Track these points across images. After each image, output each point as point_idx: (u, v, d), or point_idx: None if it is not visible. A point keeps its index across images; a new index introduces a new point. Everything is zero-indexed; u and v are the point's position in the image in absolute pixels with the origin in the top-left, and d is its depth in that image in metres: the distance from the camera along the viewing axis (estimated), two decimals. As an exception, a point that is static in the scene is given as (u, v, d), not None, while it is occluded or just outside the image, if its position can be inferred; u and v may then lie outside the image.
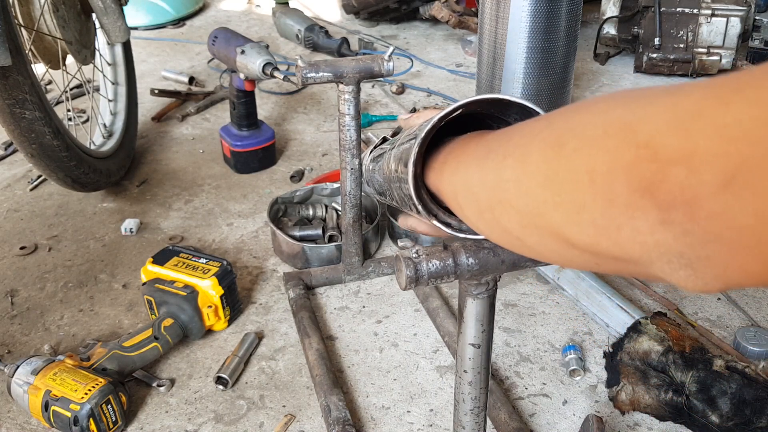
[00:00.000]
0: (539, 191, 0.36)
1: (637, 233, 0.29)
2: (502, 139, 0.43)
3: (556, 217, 0.35)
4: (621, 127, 0.30)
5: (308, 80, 1.02)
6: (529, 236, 0.39)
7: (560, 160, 0.34)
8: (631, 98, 0.32)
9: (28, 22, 1.31)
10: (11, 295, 1.21)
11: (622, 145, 0.30)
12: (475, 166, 0.44)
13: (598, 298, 1.12)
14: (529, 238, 0.39)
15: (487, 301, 0.60)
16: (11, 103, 1.12)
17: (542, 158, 0.36)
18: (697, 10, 2.02)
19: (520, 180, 0.37)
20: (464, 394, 0.66)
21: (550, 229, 0.36)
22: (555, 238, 0.36)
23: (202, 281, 1.08)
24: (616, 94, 0.33)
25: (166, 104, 1.97)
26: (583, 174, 0.32)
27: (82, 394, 0.88)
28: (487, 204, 0.42)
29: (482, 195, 0.43)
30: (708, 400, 0.87)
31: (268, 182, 1.58)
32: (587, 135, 0.32)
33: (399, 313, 1.17)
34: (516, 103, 0.52)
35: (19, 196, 1.53)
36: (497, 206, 0.41)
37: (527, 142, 0.38)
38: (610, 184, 0.30)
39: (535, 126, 0.39)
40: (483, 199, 0.43)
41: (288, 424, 0.95)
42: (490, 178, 0.41)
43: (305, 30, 2.42)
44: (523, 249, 0.41)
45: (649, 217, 0.29)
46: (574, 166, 0.33)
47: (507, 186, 0.39)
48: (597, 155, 0.31)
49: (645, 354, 0.93)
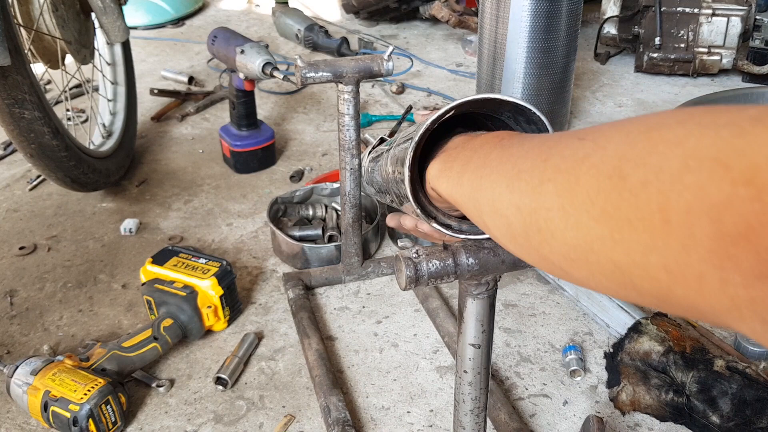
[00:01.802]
0: (593, 225, 0.32)
1: (725, 285, 0.25)
2: (534, 157, 0.39)
3: (615, 256, 0.31)
4: (708, 162, 0.26)
5: (308, 80, 1.02)
6: (577, 270, 0.35)
7: (622, 194, 0.30)
8: (708, 125, 0.27)
9: (27, 21, 1.31)
10: (10, 296, 1.21)
11: (710, 183, 0.25)
12: (503, 186, 0.41)
13: (598, 298, 1.12)
14: (577, 272, 0.35)
15: (487, 301, 0.60)
16: (10, 103, 1.12)
17: (596, 189, 0.32)
18: (697, 10, 2.02)
19: (567, 211, 0.34)
20: (464, 394, 0.66)
21: (606, 268, 0.32)
22: (611, 277, 0.32)
23: (202, 281, 1.07)
24: (680, 116, 0.30)
25: (165, 104, 1.97)
26: (653, 212, 0.28)
27: (81, 395, 0.88)
28: (522, 230, 0.39)
29: (516, 219, 0.39)
30: (709, 400, 0.87)
31: (268, 182, 1.58)
32: (659, 167, 0.28)
33: (399, 313, 1.16)
34: (509, 102, 0.52)
35: (19, 196, 1.53)
36: (535, 234, 0.37)
37: (571, 167, 0.34)
38: (691, 226, 0.26)
39: (578, 148, 0.35)
40: (517, 224, 0.39)
41: (288, 424, 0.95)
42: (525, 203, 0.38)
43: (305, 30, 2.42)
44: (567, 278, 0.37)
45: (743, 268, 0.24)
46: (642, 202, 0.29)
47: (549, 215, 0.35)
48: (673, 192, 0.27)
49: (645, 354, 0.93)
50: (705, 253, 0.26)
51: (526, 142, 0.43)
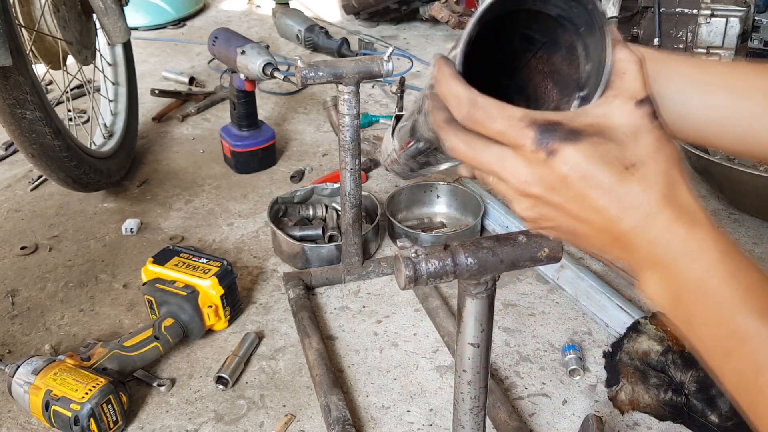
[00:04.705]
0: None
1: None
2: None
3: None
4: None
5: (308, 81, 1.02)
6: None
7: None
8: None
9: (28, 22, 1.32)
10: (12, 295, 1.21)
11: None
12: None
13: (597, 298, 1.13)
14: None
15: (486, 300, 0.60)
16: (12, 104, 1.13)
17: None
18: (696, 11, 2.02)
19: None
20: (464, 393, 0.66)
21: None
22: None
23: (203, 281, 1.08)
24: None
25: (166, 104, 1.97)
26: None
27: (82, 394, 0.89)
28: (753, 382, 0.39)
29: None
30: (707, 399, 0.87)
31: (269, 182, 1.59)
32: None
33: (399, 313, 1.17)
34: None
35: (20, 197, 1.54)
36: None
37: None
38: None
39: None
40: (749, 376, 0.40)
41: (288, 423, 0.96)
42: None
43: (305, 30, 2.42)
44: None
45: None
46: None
47: None
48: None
49: (644, 354, 0.93)
50: None
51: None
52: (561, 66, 0.51)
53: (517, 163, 0.44)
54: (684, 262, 0.42)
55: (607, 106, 0.44)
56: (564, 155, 0.42)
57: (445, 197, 1.45)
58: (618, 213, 0.43)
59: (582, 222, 0.44)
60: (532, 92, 0.54)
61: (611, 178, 0.42)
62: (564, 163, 0.42)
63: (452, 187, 1.44)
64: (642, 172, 0.42)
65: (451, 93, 0.45)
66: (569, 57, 0.50)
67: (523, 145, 0.43)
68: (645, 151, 0.43)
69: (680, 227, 0.42)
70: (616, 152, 0.43)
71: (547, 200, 0.44)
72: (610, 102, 0.44)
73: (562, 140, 0.42)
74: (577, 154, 0.42)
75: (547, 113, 0.44)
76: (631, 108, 0.44)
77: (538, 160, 0.43)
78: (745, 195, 1.35)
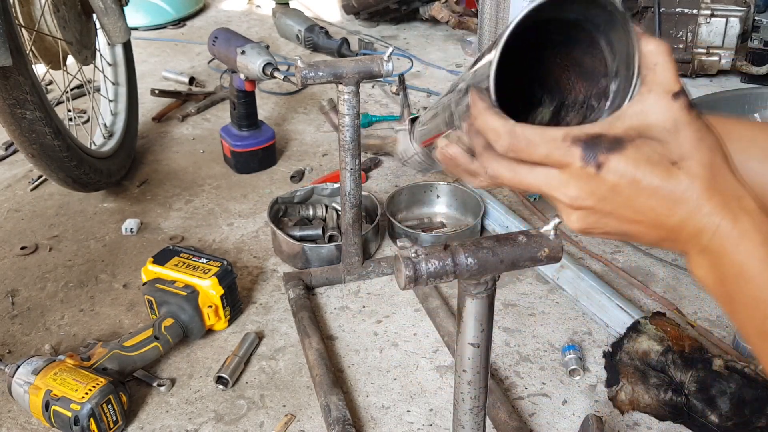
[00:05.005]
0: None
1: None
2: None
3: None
4: None
5: (308, 81, 1.02)
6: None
7: None
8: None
9: (28, 22, 1.32)
10: (12, 295, 1.21)
11: None
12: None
13: (597, 298, 1.13)
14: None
15: (486, 300, 0.60)
16: (12, 104, 1.13)
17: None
18: (696, 11, 2.03)
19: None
20: (464, 393, 0.66)
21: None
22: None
23: (203, 281, 1.08)
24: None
25: (166, 104, 1.97)
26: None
27: (82, 394, 0.89)
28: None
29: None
30: (707, 399, 0.87)
31: (269, 182, 1.59)
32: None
33: (399, 313, 1.17)
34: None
35: (20, 197, 1.54)
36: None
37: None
38: None
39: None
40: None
41: (288, 423, 0.96)
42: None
43: (305, 30, 2.42)
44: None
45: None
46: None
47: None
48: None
49: (644, 354, 0.93)
50: None
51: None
52: (582, 59, 0.51)
53: (566, 181, 0.45)
54: (728, 249, 0.44)
55: (642, 104, 0.45)
56: (611, 166, 0.43)
57: (445, 197, 1.45)
58: (667, 209, 0.44)
59: (634, 223, 0.46)
60: (553, 84, 0.54)
61: (659, 177, 0.43)
62: (613, 173, 0.43)
63: (452, 187, 1.44)
64: (687, 166, 0.43)
65: (489, 128, 0.46)
66: (590, 51, 0.50)
67: (571, 163, 0.44)
68: (687, 145, 0.44)
69: (726, 215, 0.43)
70: (660, 150, 0.44)
71: (598, 210, 0.45)
72: (645, 99, 0.45)
73: (608, 151, 0.43)
74: (624, 161, 0.43)
75: (586, 127, 0.45)
76: (667, 102, 0.44)
77: (588, 176, 0.44)
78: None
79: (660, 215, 0.44)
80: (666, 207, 0.44)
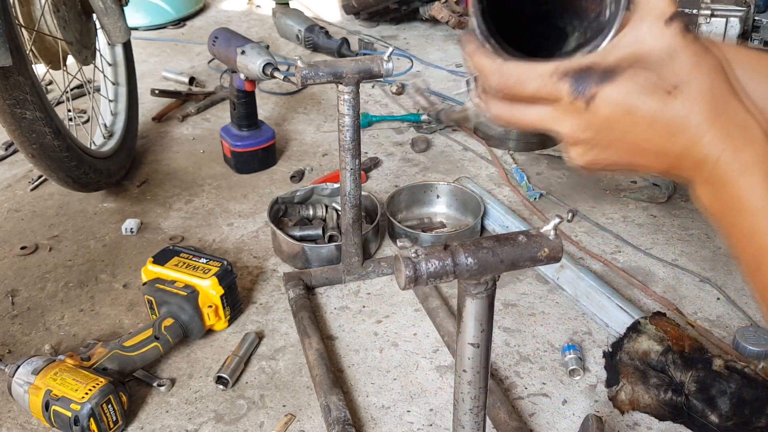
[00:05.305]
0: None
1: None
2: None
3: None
4: None
5: (308, 81, 1.02)
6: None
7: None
8: None
9: (28, 22, 1.32)
10: (12, 295, 1.21)
11: None
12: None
13: (597, 298, 1.13)
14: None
15: (486, 300, 0.60)
16: (12, 104, 1.13)
17: None
18: (696, 11, 2.02)
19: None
20: (464, 393, 0.66)
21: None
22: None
23: (203, 281, 1.08)
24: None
25: (166, 104, 1.97)
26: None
27: (82, 394, 0.89)
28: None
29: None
30: (707, 399, 0.87)
31: (269, 182, 1.59)
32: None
33: (399, 313, 1.17)
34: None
35: (20, 196, 1.54)
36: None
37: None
38: None
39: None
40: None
41: (288, 423, 0.96)
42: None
43: (305, 30, 2.42)
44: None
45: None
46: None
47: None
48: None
49: (644, 354, 0.93)
50: None
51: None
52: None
53: (560, 117, 0.44)
54: (728, 181, 0.43)
55: (636, 33, 0.43)
56: (603, 97, 0.42)
57: (445, 197, 1.45)
58: (667, 139, 0.43)
59: (636, 154, 0.45)
60: (573, 11, 0.52)
61: (655, 105, 0.42)
62: (605, 105, 0.42)
63: (452, 187, 1.44)
64: (684, 93, 0.42)
65: (479, 68, 0.46)
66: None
67: (561, 98, 0.43)
68: (684, 71, 0.42)
69: (728, 146, 0.42)
70: (655, 78, 0.42)
71: (598, 142, 0.44)
72: (638, 27, 0.43)
73: (598, 83, 0.42)
74: (616, 92, 0.42)
75: (576, 60, 0.44)
76: (661, 29, 0.43)
77: (579, 109, 0.43)
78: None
79: (661, 145, 0.43)
80: (665, 137, 0.43)
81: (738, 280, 1.23)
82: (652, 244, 1.34)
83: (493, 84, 0.45)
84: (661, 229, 1.39)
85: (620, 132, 0.43)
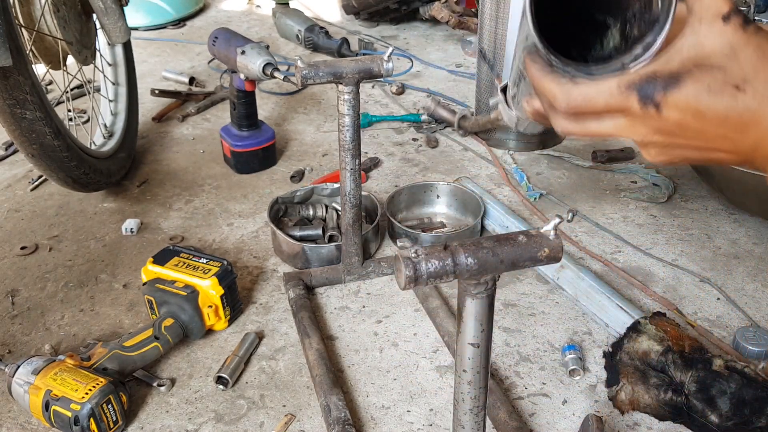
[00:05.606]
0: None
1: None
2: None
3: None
4: None
5: (308, 81, 1.02)
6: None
7: None
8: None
9: (28, 22, 1.32)
10: (12, 295, 1.21)
11: None
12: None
13: (597, 298, 1.13)
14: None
15: (486, 300, 0.60)
16: (12, 104, 1.13)
17: None
18: (696, 11, 2.03)
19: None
20: (464, 393, 0.66)
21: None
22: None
23: (203, 281, 1.08)
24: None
25: (166, 104, 1.97)
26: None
27: (82, 394, 0.89)
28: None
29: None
30: (707, 399, 0.87)
31: (269, 182, 1.59)
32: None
33: (399, 313, 1.17)
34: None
35: (20, 196, 1.54)
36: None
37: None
38: None
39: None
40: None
41: (288, 423, 0.96)
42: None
43: (305, 30, 2.42)
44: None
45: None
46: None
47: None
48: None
49: (644, 354, 0.93)
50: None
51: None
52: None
53: (632, 125, 0.45)
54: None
55: (695, 34, 0.44)
56: (671, 102, 0.43)
57: (445, 197, 1.45)
58: (739, 135, 0.44)
59: (711, 150, 0.45)
60: (610, 4, 0.52)
61: (725, 103, 0.43)
62: (674, 110, 0.43)
63: (452, 187, 1.44)
64: (753, 86, 0.42)
65: (547, 93, 0.47)
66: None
67: (630, 108, 0.44)
68: (750, 64, 0.43)
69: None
70: (721, 77, 0.43)
71: (671, 144, 0.46)
72: (696, 29, 0.44)
73: (665, 89, 0.43)
74: (684, 95, 0.43)
75: (640, 69, 0.44)
76: (720, 27, 0.43)
77: (650, 116, 0.44)
78: (745, 195, 1.35)
79: (734, 140, 0.44)
80: (737, 133, 0.43)
81: (738, 280, 1.23)
82: (652, 244, 1.34)
83: (563, 106, 0.46)
84: (661, 229, 1.39)
85: (693, 133, 0.44)
